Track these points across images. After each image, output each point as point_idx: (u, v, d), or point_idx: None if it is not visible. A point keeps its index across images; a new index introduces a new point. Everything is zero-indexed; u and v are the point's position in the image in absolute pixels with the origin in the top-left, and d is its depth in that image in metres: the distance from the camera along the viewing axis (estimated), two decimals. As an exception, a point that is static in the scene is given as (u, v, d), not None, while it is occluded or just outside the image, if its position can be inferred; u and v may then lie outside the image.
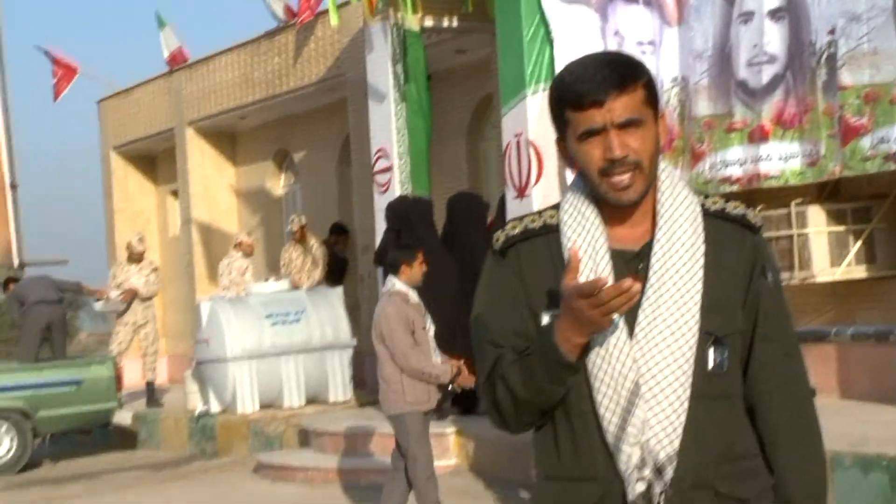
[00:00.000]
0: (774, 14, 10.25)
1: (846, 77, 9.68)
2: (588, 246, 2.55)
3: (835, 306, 10.57)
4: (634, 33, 11.22)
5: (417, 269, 8.37)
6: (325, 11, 16.51)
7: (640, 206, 2.57)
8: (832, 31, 9.81)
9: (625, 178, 2.49)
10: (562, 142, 2.59)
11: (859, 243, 10.24)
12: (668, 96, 11.12)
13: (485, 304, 2.64)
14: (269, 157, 19.78)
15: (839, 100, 9.71)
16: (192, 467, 13.49)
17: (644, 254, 2.55)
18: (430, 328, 8.44)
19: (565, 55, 11.09)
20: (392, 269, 8.40)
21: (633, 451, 2.49)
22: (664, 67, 11.22)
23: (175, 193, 21.55)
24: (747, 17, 10.45)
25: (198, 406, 14.41)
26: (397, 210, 12.09)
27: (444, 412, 11.69)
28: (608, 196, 2.52)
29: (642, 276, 2.52)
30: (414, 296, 8.34)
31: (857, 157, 9.64)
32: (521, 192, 11.15)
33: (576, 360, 2.46)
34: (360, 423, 12.23)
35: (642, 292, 2.50)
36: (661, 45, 11.22)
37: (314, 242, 16.09)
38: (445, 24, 13.42)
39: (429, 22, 13.23)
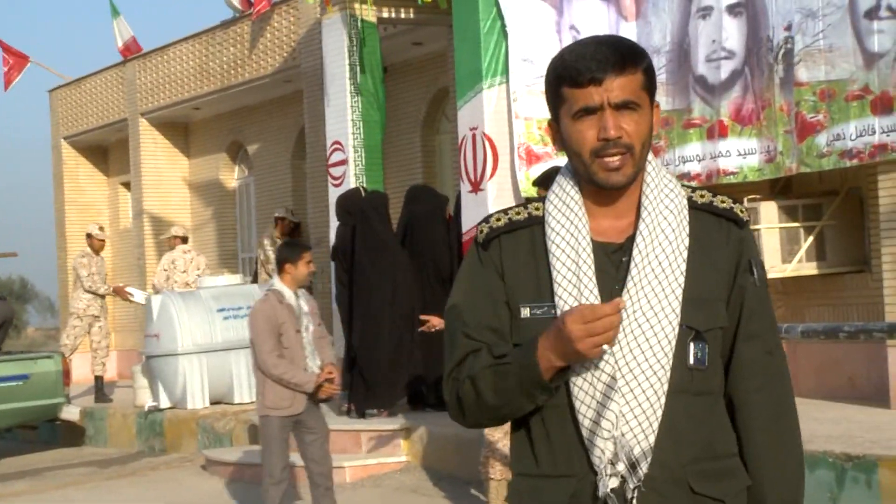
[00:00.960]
0: (732, 9, 10.19)
1: (802, 74, 9.64)
2: (570, 237, 2.52)
3: (785, 303, 10.54)
4: (590, 27, 11.13)
5: (302, 269, 8.03)
6: (281, 2, 16.34)
7: (626, 197, 2.54)
8: (788, 28, 9.76)
9: (616, 159, 2.46)
10: (554, 123, 2.56)
11: (810, 240, 10.21)
12: (625, 91, 11.04)
13: (462, 294, 2.60)
14: (223, 148, 19.59)
15: (795, 96, 9.67)
16: (140, 464, 13.29)
17: (627, 247, 2.52)
18: (309, 329, 8.08)
19: (520, 49, 11.00)
20: (276, 267, 8.15)
21: (607, 446, 2.44)
22: (621, 62, 11.13)
23: (127, 185, 21.32)
24: (706, 12, 10.39)
25: (146, 402, 14.21)
26: (350, 204, 11.94)
27: (395, 408, 11.57)
28: (597, 177, 2.49)
29: (624, 268, 2.50)
30: (290, 296, 8.00)
31: (812, 154, 9.60)
32: (476, 187, 11.04)
33: (552, 381, 2.42)
34: (310, 419, 12.06)
35: (623, 286, 2.49)
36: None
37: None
38: (402, 15, 13.28)
39: (385, 13, 13.10)
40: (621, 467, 2.44)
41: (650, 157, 2.57)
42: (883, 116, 9.13)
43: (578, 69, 2.46)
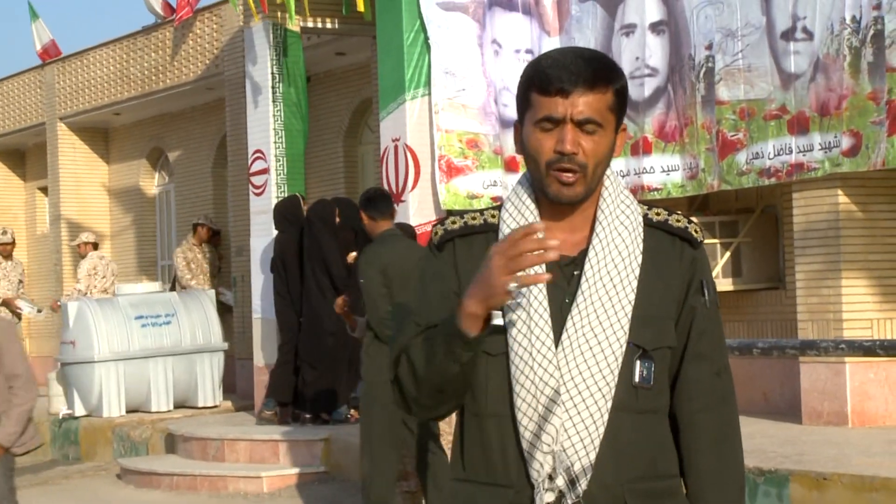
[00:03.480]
0: (655, 27, 10.32)
1: (723, 92, 9.79)
2: None
3: (702, 318, 10.68)
4: (513, 41, 11.22)
5: None
6: (204, 9, 16.25)
7: (581, 211, 2.52)
8: (709, 47, 9.91)
9: (569, 175, 2.45)
10: (518, 125, 2.54)
11: (727, 256, 10.36)
12: (547, 106, 11.14)
13: (416, 292, 2.58)
14: (143, 155, 19.41)
15: (716, 114, 9.82)
16: (53, 473, 13.10)
17: (580, 260, 2.50)
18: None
19: (442, 62, 11.06)
20: None
21: (546, 459, 2.43)
22: (543, 77, 11.22)
23: (44, 190, 21.04)
24: (629, 29, 10.51)
25: (61, 409, 14.03)
26: (290, 211, 11.94)
27: (306, 419, 11.60)
28: (549, 190, 2.47)
29: (576, 281, 2.48)
30: None
31: (733, 172, 9.75)
32: (398, 198, 11.06)
33: (474, 338, 2.36)
34: (228, 429, 12.02)
35: (573, 299, 2.47)
36: (539, 55, 11.22)
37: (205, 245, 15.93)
38: (326, 25, 13.28)
39: (309, 23, 13.08)
40: (560, 482, 2.43)
41: (609, 171, 2.55)
42: (799, 136, 9.30)
43: (549, 77, 2.45)
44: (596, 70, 2.46)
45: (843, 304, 9.30)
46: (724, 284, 10.34)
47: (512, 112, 11.21)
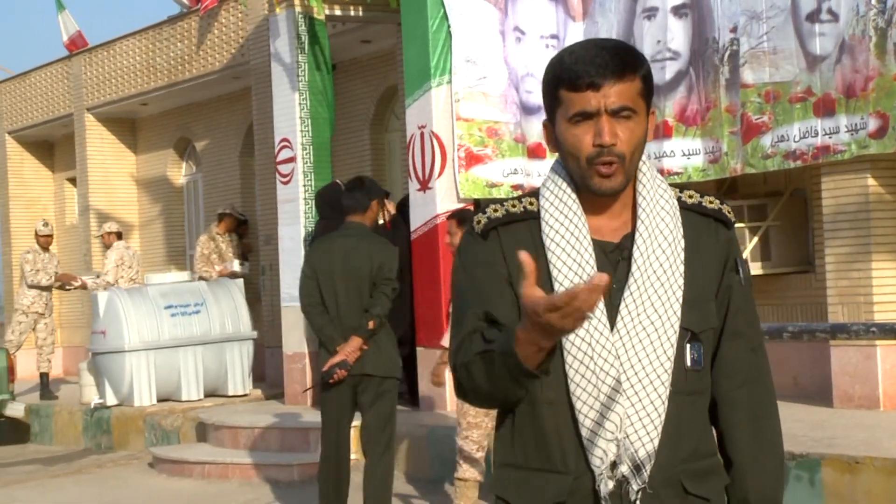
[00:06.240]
0: (678, 10, 10.29)
1: (748, 75, 9.75)
2: (570, 236, 2.52)
3: (731, 303, 10.64)
4: (537, 27, 11.19)
5: None
6: (229, -2, 16.29)
7: (620, 198, 2.54)
8: (734, 30, 9.87)
9: (609, 167, 2.47)
10: (549, 124, 2.56)
11: (755, 240, 10.32)
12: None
13: (468, 279, 2.60)
14: (171, 145, 19.48)
15: (741, 98, 9.77)
16: (86, 461, 13.21)
17: (623, 246, 2.53)
18: None
19: (463, 50, 11.04)
20: None
21: (609, 448, 2.45)
22: (569, 62, 11.20)
23: (73, 181, 21.15)
24: (651, 12, 10.47)
25: (93, 399, 14.13)
26: (332, 198, 11.95)
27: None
28: (590, 183, 2.49)
29: (623, 268, 2.51)
30: None
31: (757, 155, 9.71)
32: (425, 185, 11.07)
33: (540, 364, 2.37)
34: (258, 417, 12.07)
35: (625, 285, 2.49)
36: (564, 40, 11.20)
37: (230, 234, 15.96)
38: (351, 13, 13.28)
39: (334, 11, 13.09)
40: (625, 469, 2.45)
41: (644, 157, 2.58)
42: (825, 118, 9.25)
43: (577, 73, 2.46)
44: (623, 59, 2.48)
45: (873, 287, 9.25)
46: (753, 268, 10.31)
47: (535, 99, 11.25)
